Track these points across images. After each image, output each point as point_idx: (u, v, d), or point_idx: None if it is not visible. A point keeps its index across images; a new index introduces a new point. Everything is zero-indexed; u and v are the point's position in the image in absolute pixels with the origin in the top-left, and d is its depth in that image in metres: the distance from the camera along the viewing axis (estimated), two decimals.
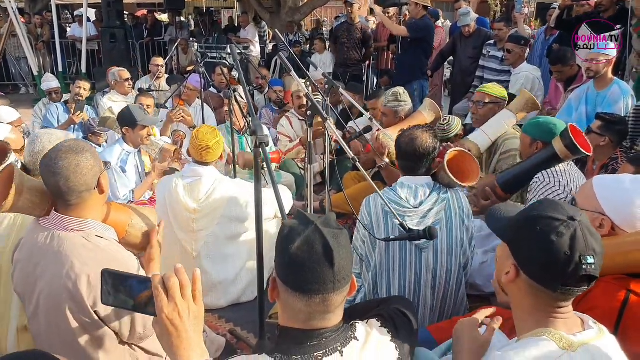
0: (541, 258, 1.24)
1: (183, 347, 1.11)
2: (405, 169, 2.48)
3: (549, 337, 1.24)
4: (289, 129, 4.97)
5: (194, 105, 5.29)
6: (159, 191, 3.03)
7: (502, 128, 3.34)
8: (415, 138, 2.39)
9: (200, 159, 2.96)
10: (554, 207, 1.28)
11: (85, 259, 1.67)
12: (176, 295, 1.12)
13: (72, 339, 1.72)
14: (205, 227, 2.94)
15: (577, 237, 1.21)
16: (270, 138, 4.62)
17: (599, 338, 1.27)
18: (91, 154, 1.73)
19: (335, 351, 1.22)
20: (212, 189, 2.95)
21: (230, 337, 2.85)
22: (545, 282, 1.25)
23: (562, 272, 1.21)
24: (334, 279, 1.18)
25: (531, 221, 1.28)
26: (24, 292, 1.79)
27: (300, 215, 1.29)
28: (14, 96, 9.84)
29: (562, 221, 1.23)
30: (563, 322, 1.28)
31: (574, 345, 1.22)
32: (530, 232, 1.27)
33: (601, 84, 3.91)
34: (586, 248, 1.21)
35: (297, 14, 9.81)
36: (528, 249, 1.28)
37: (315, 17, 15.15)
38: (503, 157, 3.37)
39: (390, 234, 2.30)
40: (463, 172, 2.48)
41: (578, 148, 2.51)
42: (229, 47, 2.60)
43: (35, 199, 1.72)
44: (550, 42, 5.85)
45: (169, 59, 9.46)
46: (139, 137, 3.75)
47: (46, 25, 10.85)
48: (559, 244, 1.21)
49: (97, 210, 1.81)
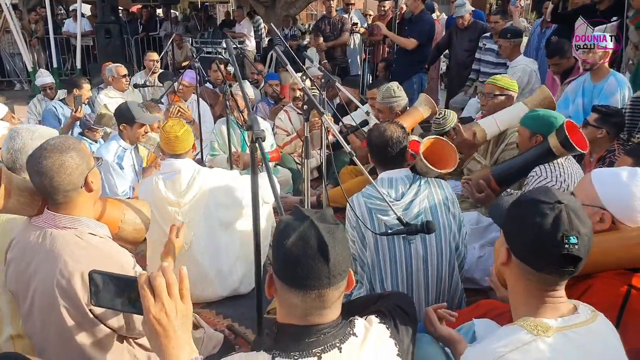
0: (526, 238, 1.29)
1: (171, 346, 1.11)
2: (381, 163, 2.52)
3: (522, 326, 1.27)
4: (287, 123, 4.96)
5: (190, 101, 5.28)
6: (141, 193, 3.03)
7: (514, 120, 3.30)
8: (385, 130, 2.46)
9: (174, 151, 2.98)
10: (544, 192, 1.34)
11: (78, 257, 1.66)
12: (162, 294, 1.11)
13: (68, 337, 1.71)
14: (191, 217, 2.95)
15: (561, 217, 1.26)
16: (270, 134, 4.59)
17: (586, 323, 1.28)
18: (77, 152, 1.70)
19: (333, 347, 1.22)
20: (192, 179, 2.97)
21: (228, 332, 2.84)
22: (531, 262, 1.30)
23: (545, 251, 1.26)
24: (329, 274, 1.18)
25: (520, 205, 1.36)
26: (17, 290, 1.78)
27: (297, 211, 1.28)
28: (8, 92, 9.78)
29: (548, 203, 1.29)
30: (553, 308, 1.31)
31: (550, 331, 1.24)
32: (518, 214, 1.35)
33: (597, 76, 3.90)
34: (570, 228, 1.25)
35: (292, 7, 9.78)
36: (516, 230, 1.34)
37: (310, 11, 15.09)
38: (508, 148, 3.37)
39: (377, 230, 2.32)
40: (441, 159, 2.49)
41: (573, 145, 2.50)
42: (224, 41, 2.57)
43: (24, 199, 1.70)
44: (547, 34, 5.83)
45: (164, 54, 9.41)
46: (136, 134, 3.74)
47: (40, 21, 10.78)
48: (543, 223, 1.26)
49: (89, 208, 1.79)
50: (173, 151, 2.98)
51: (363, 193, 2.41)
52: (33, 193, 1.72)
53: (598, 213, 1.74)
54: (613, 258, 1.64)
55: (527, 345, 1.22)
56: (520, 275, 1.34)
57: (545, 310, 1.31)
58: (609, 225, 1.72)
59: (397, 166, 2.48)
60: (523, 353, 1.21)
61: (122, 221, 1.95)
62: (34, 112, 5.76)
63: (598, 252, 1.66)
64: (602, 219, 1.73)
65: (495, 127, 3.31)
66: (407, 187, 2.41)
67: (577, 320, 1.28)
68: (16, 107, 4.67)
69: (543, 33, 5.96)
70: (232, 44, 2.68)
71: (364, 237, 2.41)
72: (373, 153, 2.54)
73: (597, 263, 1.65)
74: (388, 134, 2.44)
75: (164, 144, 2.98)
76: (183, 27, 11.59)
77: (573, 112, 3.96)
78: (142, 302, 1.12)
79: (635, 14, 4.45)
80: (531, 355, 1.21)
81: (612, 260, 1.65)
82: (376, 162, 2.55)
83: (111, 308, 1.22)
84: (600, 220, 1.73)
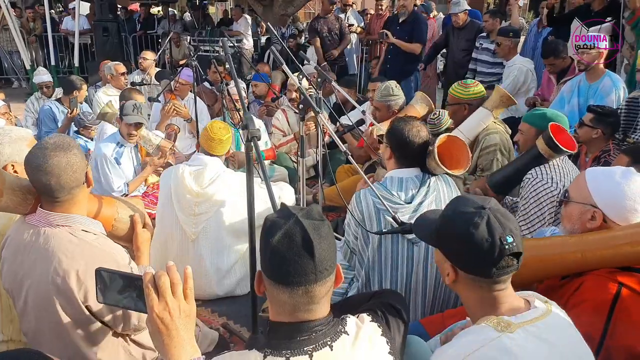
0: (468, 251, 1.33)
1: (173, 346, 1.12)
2: (399, 159, 2.44)
3: (486, 323, 1.29)
4: (284, 123, 4.96)
5: (187, 99, 5.27)
6: (164, 178, 3.17)
7: (479, 126, 3.35)
8: (412, 126, 2.40)
9: (210, 151, 3.13)
10: (463, 203, 1.39)
11: (73, 254, 1.67)
12: (167, 293, 1.12)
13: (64, 335, 1.72)
14: (205, 211, 3.05)
15: (492, 222, 1.30)
16: (264, 131, 4.60)
17: (543, 317, 1.31)
18: (77, 150, 1.73)
19: (325, 345, 1.22)
20: (216, 176, 3.09)
21: (223, 330, 2.86)
22: (480, 272, 1.33)
23: (490, 257, 1.29)
24: (315, 270, 1.19)
25: (448, 222, 1.40)
26: (12, 289, 1.78)
27: (283, 208, 1.29)
28: (6, 90, 9.72)
29: (474, 213, 1.33)
30: (508, 306, 1.34)
31: (512, 326, 1.26)
32: (450, 232, 1.38)
33: (593, 76, 3.92)
34: (503, 230, 1.30)
35: (290, 6, 9.75)
36: (455, 247, 1.38)
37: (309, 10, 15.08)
38: (483, 153, 3.38)
39: (382, 229, 2.30)
40: (452, 159, 2.45)
41: (559, 147, 2.53)
42: (221, 40, 2.58)
43: (17, 198, 1.71)
44: (544, 34, 5.85)
45: (162, 53, 9.41)
46: (124, 130, 3.78)
47: (38, 19, 10.76)
48: (478, 233, 1.30)
49: (83, 205, 1.80)
50: (210, 150, 3.13)
51: (371, 192, 2.34)
52: (26, 192, 1.73)
53: (590, 211, 1.75)
54: (603, 256, 1.66)
55: (494, 342, 1.24)
56: (472, 286, 1.37)
57: (502, 310, 1.34)
58: (599, 223, 1.74)
59: (414, 165, 2.43)
60: (491, 349, 1.23)
61: (116, 219, 1.96)
62: (32, 110, 5.77)
63: (589, 251, 1.68)
64: (594, 217, 1.75)
65: (464, 138, 3.33)
66: (417, 189, 2.37)
67: (534, 314, 1.31)
68: (14, 104, 4.68)
69: (539, 33, 5.99)
70: (229, 43, 2.69)
71: (368, 235, 2.37)
72: (394, 147, 2.45)
73: (588, 262, 1.67)
74: (415, 130, 2.38)
75: (204, 142, 3.12)
76: (181, 25, 11.58)
77: (568, 112, 3.96)
78: (146, 301, 1.12)
79: (631, 14, 4.47)
80: (499, 350, 1.22)
81: (602, 258, 1.66)
82: (395, 157, 2.47)
83: (116, 305, 1.23)
84: (591, 218, 1.75)
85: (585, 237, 1.73)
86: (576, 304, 1.65)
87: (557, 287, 1.79)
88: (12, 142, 2.14)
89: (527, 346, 1.23)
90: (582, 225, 1.78)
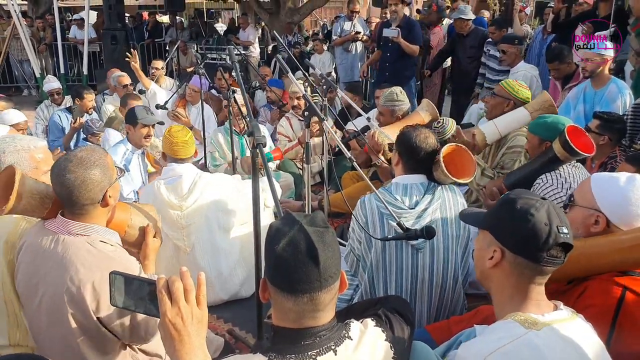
0: (525, 231, 1.36)
1: (185, 352, 1.12)
2: (406, 165, 2.46)
3: (514, 320, 1.32)
4: (288, 129, 4.97)
5: (197, 105, 5.31)
6: (143, 199, 3.09)
7: (515, 124, 3.28)
8: (420, 132, 2.43)
9: (177, 156, 3.05)
10: (526, 192, 1.46)
11: (91, 265, 1.68)
12: (180, 299, 1.12)
13: (72, 342, 1.73)
14: (193, 220, 3.00)
15: (551, 211, 1.37)
16: (268, 136, 4.63)
17: (569, 320, 1.33)
18: (100, 169, 1.73)
19: (329, 350, 1.23)
20: (194, 183, 3.03)
21: (229, 337, 2.86)
22: (530, 254, 1.36)
23: (545, 241, 1.33)
24: (320, 278, 1.19)
25: (509, 204, 1.43)
26: (25, 293, 1.80)
27: (287, 216, 1.30)
28: (16, 98, 9.83)
29: (536, 200, 1.40)
30: (537, 305, 1.37)
31: (539, 325, 1.29)
32: (510, 212, 1.41)
33: (598, 82, 3.91)
34: (560, 221, 1.36)
35: (296, 14, 9.82)
36: (511, 227, 1.40)
37: (314, 18, 15.15)
38: (508, 152, 3.34)
39: (386, 234, 2.29)
40: (458, 167, 2.46)
41: (574, 149, 2.49)
42: (228, 48, 2.61)
43: (34, 202, 1.73)
44: (549, 41, 5.85)
45: (170, 60, 9.49)
46: (139, 135, 3.77)
47: (48, 28, 10.89)
48: (538, 216, 1.35)
49: (102, 218, 1.83)
50: (176, 155, 3.04)
51: (376, 197, 2.33)
52: (44, 196, 1.75)
53: (593, 215, 1.76)
54: (607, 261, 1.67)
55: (521, 338, 1.26)
56: (513, 272, 1.39)
57: (530, 307, 1.36)
58: (603, 227, 1.75)
59: (421, 172, 2.44)
60: (518, 345, 1.24)
61: (129, 225, 1.98)
62: (42, 118, 5.86)
63: (592, 255, 1.68)
64: (597, 221, 1.76)
65: (496, 131, 3.29)
66: (421, 196, 2.37)
67: (560, 316, 1.33)
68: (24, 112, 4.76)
69: (545, 39, 5.98)
70: (236, 51, 2.72)
71: (370, 239, 2.37)
72: (402, 152, 2.47)
73: (591, 266, 1.68)
74: (422, 137, 2.40)
75: (168, 148, 3.04)
76: (188, 33, 11.66)
77: (574, 118, 3.95)
78: (159, 306, 1.13)
79: (635, 21, 4.46)
80: (527, 347, 1.24)
81: (606, 263, 1.67)
82: (402, 162, 2.48)
83: (128, 309, 1.24)
84: (595, 222, 1.76)
85: (591, 241, 1.74)
86: (580, 311, 1.65)
87: (562, 292, 1.79)
88: (15, 151, 2.14)
89: (553, 345, 1.25)
90: (586, 229, 1.79)
